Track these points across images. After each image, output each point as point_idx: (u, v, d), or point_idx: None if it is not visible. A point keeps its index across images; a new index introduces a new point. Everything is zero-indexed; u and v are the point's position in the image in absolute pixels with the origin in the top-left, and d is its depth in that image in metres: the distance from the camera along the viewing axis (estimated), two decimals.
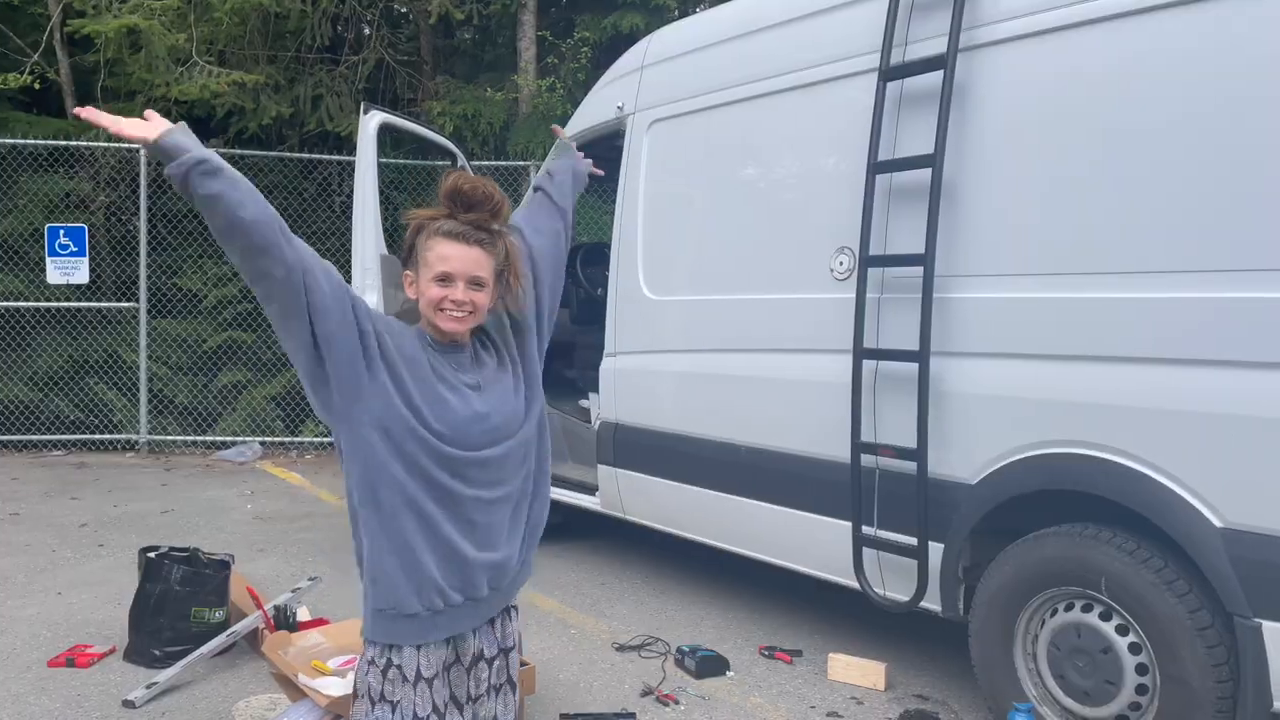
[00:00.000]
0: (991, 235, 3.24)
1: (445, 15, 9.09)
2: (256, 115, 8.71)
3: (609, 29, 9.23)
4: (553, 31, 9.51)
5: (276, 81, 8.92)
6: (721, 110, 4.40)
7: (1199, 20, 2.74)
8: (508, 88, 9.23)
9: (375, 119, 4.85)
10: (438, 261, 1.77)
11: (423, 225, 1.81)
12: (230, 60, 8.78)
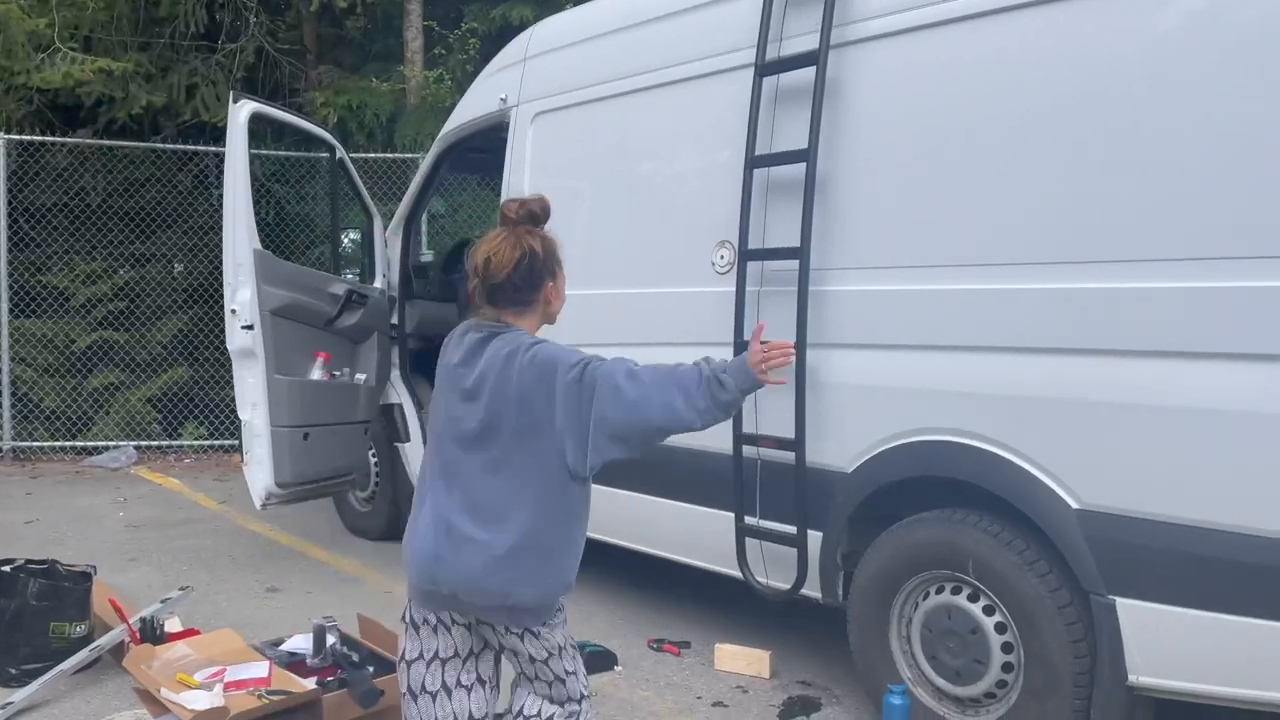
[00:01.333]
0: (863, 228, 3.30)
1: (329, 3, 8.84)
2: (126, 104, 8.31)
3: (498, 20, 9.10)
4: (441, 22, 9.33)
5: (147, 70, 8.52)
6: (605, 103, 4.38)
7: (1057, 18, 2.83)
8: (394, 79, 9.03)
9: (246, 109, 4.67)
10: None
11: (543, 237, 2.29)
12: (97, 47, 8.35)
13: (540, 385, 2.16)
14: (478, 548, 2.16)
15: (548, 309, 2.36)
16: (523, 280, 2.26)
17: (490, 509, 2.18)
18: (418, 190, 5.65)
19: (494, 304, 2.31)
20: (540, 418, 2.16)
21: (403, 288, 5.71)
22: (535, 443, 2.16)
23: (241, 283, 4.69)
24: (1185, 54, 2.60)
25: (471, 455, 2.22)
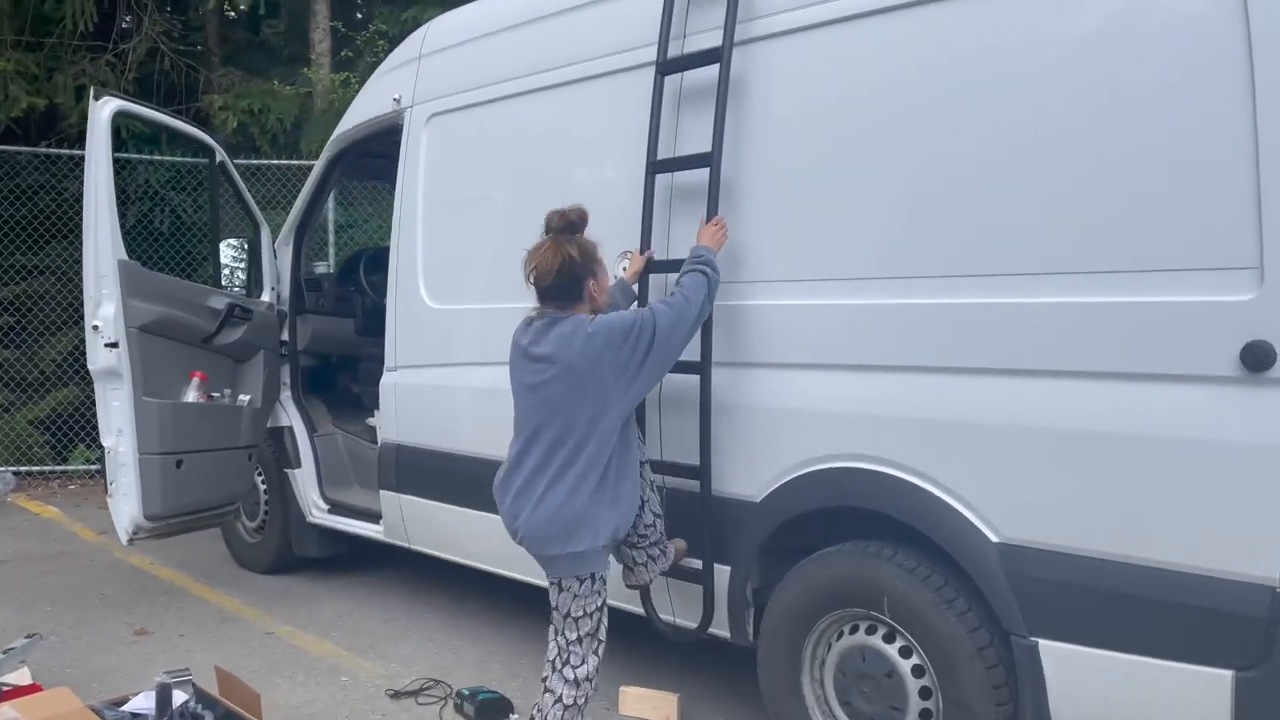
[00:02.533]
0: (768, 239, 3.07)
1: (230, 3, 8.41)
2: (5, 107, 7.75)
3: (409, 22, 8.73)
4: (348, 24, 8.96)
5: (29, 70, 7.98)
6: (502, 104, 4.09)
7: (970, 13, 2.63)
8: (299, 82, 8.61)
9: (109, 106, 4.28)
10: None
11: (585, 244, 2.86)
12: None
13: (606, 349, 2.71)
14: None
15: (594, 302, 2.85)
16: (565, 283, 2.80)
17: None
18: (309, 197, 5.28)
19: (546, 303, 2.85)
20: (604, 378, 2.72)
21: (294, 302, 5.33)
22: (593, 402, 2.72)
23: (105, 296, 4.28)
24: (1077, 60, 2.41)
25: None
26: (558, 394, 2.75)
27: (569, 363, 2.72)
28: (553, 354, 2.75)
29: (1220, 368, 2.14)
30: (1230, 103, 2.14)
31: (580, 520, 2.74)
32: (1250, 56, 2.11)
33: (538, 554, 2.87)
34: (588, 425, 2.73)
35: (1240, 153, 2.12)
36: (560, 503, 2.74)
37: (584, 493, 2.74)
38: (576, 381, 2.72)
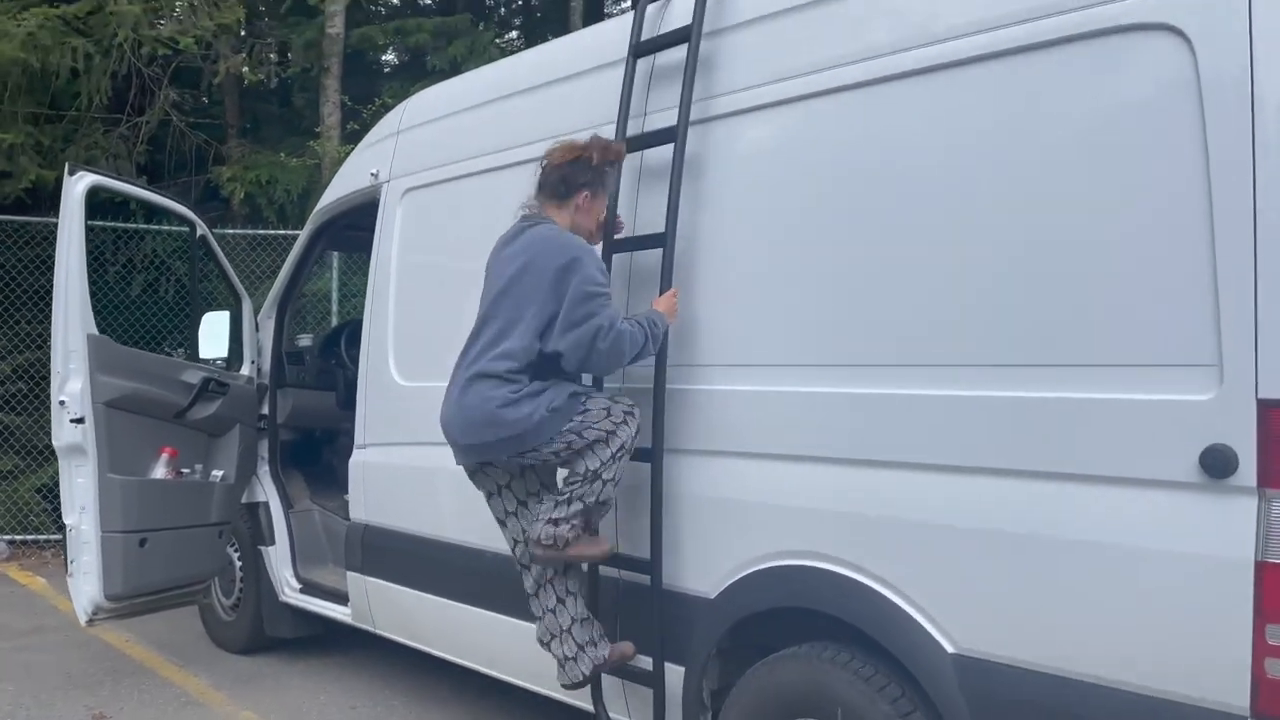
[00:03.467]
0: (721, 321, 2.95)
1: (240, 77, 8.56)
2: (15, 179, 7.88)
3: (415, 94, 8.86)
4: (357, 97, 9.08)
5: (41, 142, 8.12)
6: (472, 179, 4.04)
7: (919, 98, 2.52)
8: (307, 154, 8.71)
9: (83, 182, 4.27)
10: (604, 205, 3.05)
11: (614, 154, 3.00)
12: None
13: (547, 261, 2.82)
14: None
15: (576, 216, 2.96)
16: (568, 174, 2.94)
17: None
18: (291, 269, 5.25)
19: (540, 191, 3.01)
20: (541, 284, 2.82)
21: (275, 374, 5.27)
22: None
23: (73, 371, 4.23)
24: (1032, 150, 2.29)
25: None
26: (509, 289, 2.88)
27: (538, 264, 2.83)
28: (526, 247, 2.89)
29: (1180, 472, 1.97)
30: (1185, 194, 2.01)
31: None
32: (1206, 150, 1.98)
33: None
34: (521, 324, 2.83)
35: (1195, 243, 1.98)
36: (476, 390, 2.86)
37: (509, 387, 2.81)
38: (532, 281, 2.83)
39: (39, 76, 8.00)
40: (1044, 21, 2.25)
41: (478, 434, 2.88)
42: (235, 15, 8.13)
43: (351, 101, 9.01)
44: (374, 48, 10.43)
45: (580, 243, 2.91)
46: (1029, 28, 2.28)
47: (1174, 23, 2.02)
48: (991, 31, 2.35)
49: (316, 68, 8.89)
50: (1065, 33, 2.21)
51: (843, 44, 2.69)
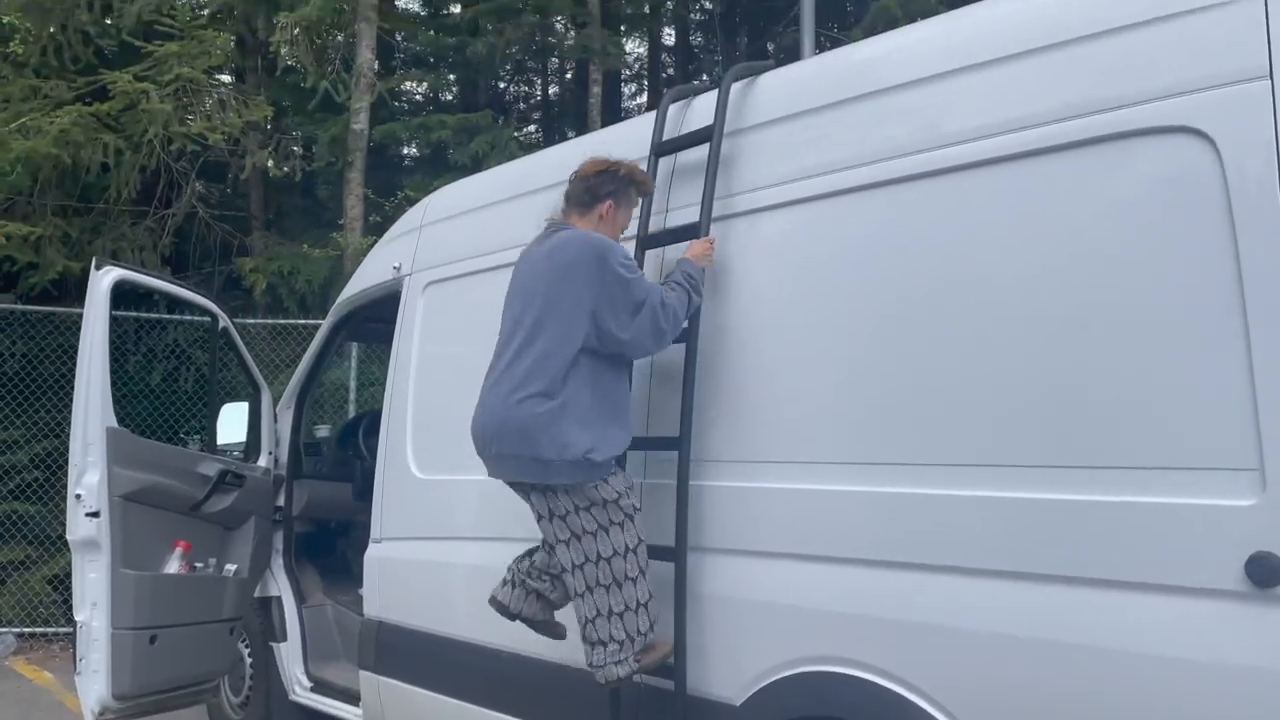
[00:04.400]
0: (746, 416, 2.91)
1: (266, 171, 8.76)
2: (42, 270, 8.02)
3: (438, 189, 9.03)
4: (380, 190, 9.26)
5: (69, 234, 8.29)
6: (494, 274, 4.03)
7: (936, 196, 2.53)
8: (329, 245, 8.85)
9: (109, 276, 4.32)
10: (627, 219, 3.08)
11: (637, 180, 3.05)
12: (17, 211, 8.13)
13: (594, 263, 2.79)
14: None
15: (600, 226, 2.97)
16: (594, 185, 2.98)
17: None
18: (312, 360, 5.27)
19: (566, 202, 3.04)
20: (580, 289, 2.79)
21: (292, 466, 5.24)
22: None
23: (90, 464, 4.21)
24: (1068, 249, 2.28)
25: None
26: (538, 290, 2.86)
27: (561, 260, 2.83)
28: (550, 252, 2.88)
29: (1224, 581, 1.90)
30: (1218, 295, 1.99)
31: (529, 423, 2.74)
32: (1236, 250, 1.96)
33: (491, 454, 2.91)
34: (544, 322, 2.80)
35: (1231, 344, 1.95)
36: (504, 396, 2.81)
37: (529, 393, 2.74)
38: (557, 280, 2.81)
39: (70, 171, 8.21)
40: (1069, 124, 2.26)
41: (512, 446, 2.81)
42: (264, 112, 8.36)
43: (374, 194, 9.19)
44: (397, 143, 10.68)
45: (602, 236, 2.91)
46: (1053, 129, 2.29)
47: (1197, 125, 2.03)
48: (1019, 132, 2.37)
49: (340, 162, 9.09)
50: (1092, 134, 2.22)
51: (867, 143, 2.72)
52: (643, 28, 14.79)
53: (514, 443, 2.78)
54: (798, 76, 3.17)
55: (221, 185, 9.64)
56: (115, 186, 8.40)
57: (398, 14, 12.48)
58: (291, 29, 8.40)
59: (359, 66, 9.04)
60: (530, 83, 17.55)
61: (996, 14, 2.61)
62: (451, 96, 14.67)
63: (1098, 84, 2.23)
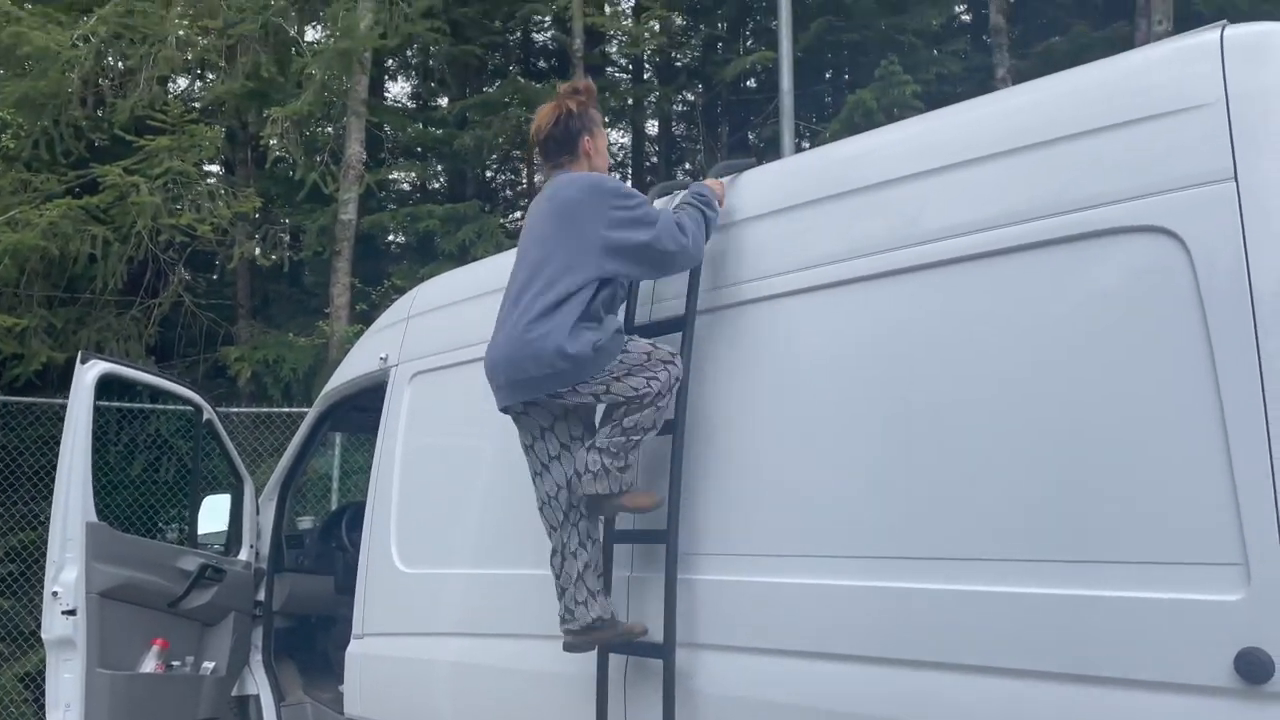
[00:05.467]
0: (734, 507, 2.91)
1: (252, 259, 8.84)
2: (25, 362, 8.00)
3: (426, 277, 9.11)
4: (367, 279, 9.35)
5: (54, 324, 8.29)
6: (477, 365, 4.06)
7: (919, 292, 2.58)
8: (315, 333, 8.88)
9: (94, 370, 4.32)
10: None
11: (588, 100, 3.11)
12: (3, 303, 8.15)
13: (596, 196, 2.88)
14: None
15: (590, 162, 3.07)
16: (561, 134, 3.03)
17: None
18: (296, 451, 5.24)
19: (547, 159, 3.11)
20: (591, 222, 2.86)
21: (273, 559, 5.17)
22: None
23: (69, 560, 4.16)
24: (1048, 344, 2.31)
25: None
26: (548, 233, 2.91)
27: (562, 198, 2.91)
28: (551, 195, 2.96)
29: (1215, 677, 1.89)
30: (1193, 390, 2.02)
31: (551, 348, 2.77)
32: (1210, 347, 2.01)
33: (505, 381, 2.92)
34: (566, 262, 2.82)
35: (1208, 437, 1.98)
36: (526, 327, 2.82)
37: (558, 321, 2.77)
38: (565, 219, 2.88)
39: (57, 262, 8.25)
40: (1044, 222, 2.32)
41: (526, 369, 2.83)
42: (253, 204, 8.47)
43: (361, 283, 9.27)
44: (384, 232, 10.82)
45: (600, 174, 3.05)
46: (1028, 228, 2.35)
47: (1167, 225, 2.09)
48: (995, 230, 2.42)
49: (328, 251, 9.18)
50: (1067, 233, 2.28)
51: (847, 239, 2.77)
52: (626, 119, 15.16)
53: (526, 367, 2.83)
54: (779, 173, 3.25)
55: (208, 274, 9.69)
56: (102, 277, 8.45)
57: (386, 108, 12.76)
58: (282, 123, 8.56)
59: (347, 159, 9.21)
60: (517, 170, 17.88)
61: (973, 115, 2.69)
62: (439, 185, 14.92)
63: (1071, 184, 2.30)
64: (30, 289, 8.29)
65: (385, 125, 11.89)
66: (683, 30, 13.40)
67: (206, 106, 9.95)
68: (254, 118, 9.93)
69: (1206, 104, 2.11)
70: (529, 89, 12.07)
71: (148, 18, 8.39)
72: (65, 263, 8.30)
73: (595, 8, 12.56)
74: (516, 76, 14.25)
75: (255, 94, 9.58)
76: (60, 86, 7.97)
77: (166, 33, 8.34)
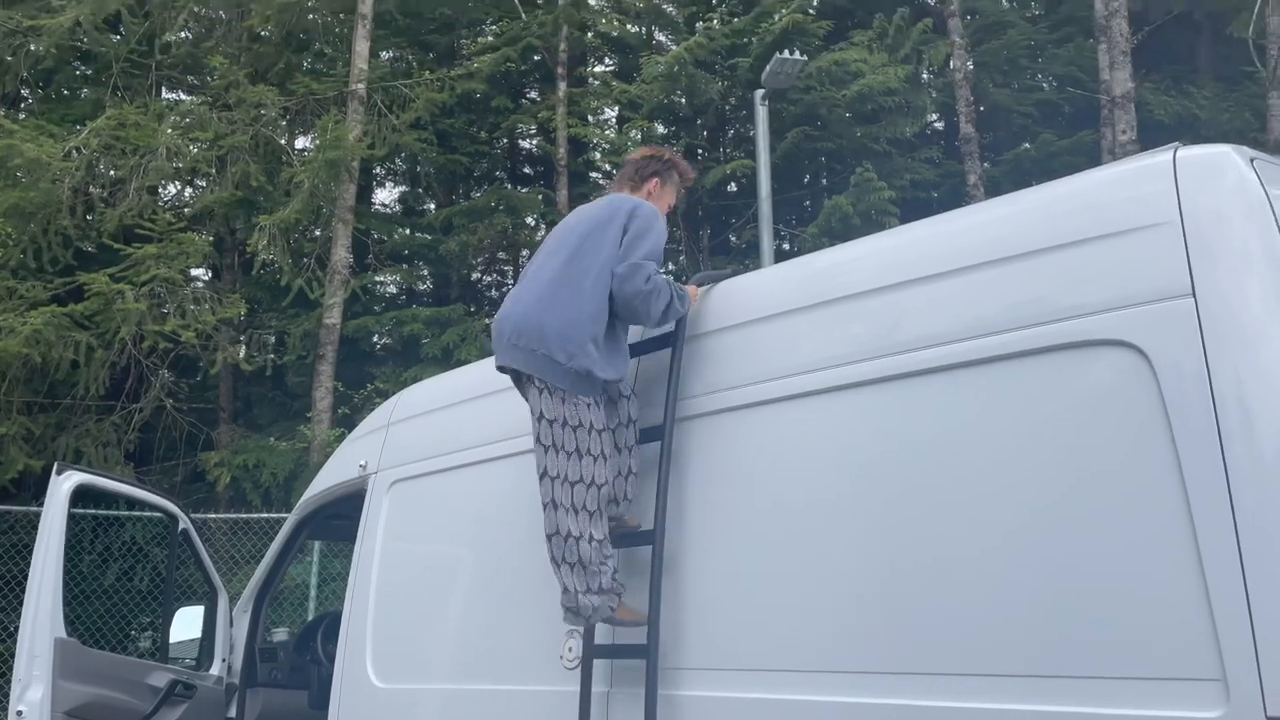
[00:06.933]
0: (715, 622, 2.87)
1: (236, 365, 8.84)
2: (2, 470, 7.91)
3: (409, 381, 9.13)
4: (350, 383, 9.35)
5: (32, 431, 8.23)
6: (460, 472, 4.06)
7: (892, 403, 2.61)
8: (296, 437, 8.83)
9: (70, 480, 4.27)
10: (671, 200, 3.52)
11: (679, 169, 3.53)
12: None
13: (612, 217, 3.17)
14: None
15: (647, 199, 3.35)
16: (642, 166, 3.46)
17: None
18: (272, 561, 5.16)
19: (619, 179, 3.51)
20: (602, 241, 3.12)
21: (245, 673, 5.03)
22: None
23: (35, 679, 4.03)
24: (1022, 461, 2.33)
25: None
26: (577, 230, 3.18)
27: (599, 211, 3.20)
28: (594, 206, 3.28)
29: None
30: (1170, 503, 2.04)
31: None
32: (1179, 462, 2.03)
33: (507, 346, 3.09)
34: (577, 256, 3.08)
35: (1180, 548, 1.99)
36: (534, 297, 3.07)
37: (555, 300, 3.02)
38: (596, 225, 3.14)
39: (39, 368, 8.23)
40: (1012, 334, 2.37)
41: (528, 340, 3.02)
42: (238, 310, 8.51)
43: (344, 387, 9.27)
44: (369, 335, 10.88)
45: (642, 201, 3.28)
46: (996, 340, 2.40)
47: (1130, 339, 2.14)
48: (964, 342, 2.47)
49: (312, 355, 9.21)
50: (1035, 345, 2.32)
51: (821, 349, 2.82)
52: None
53: (531, 338, 3.02)
54: (756, 284, 3.31)
55: (191, 377, 9.68)
56: (84, 383, 8.43)
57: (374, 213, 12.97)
58: (270, 231, 8.69)
59: (334, 264, 9.32)
60: (502, 272, 18.10)
61: (944, 229, 2.76)
62: (425, 287, 15.07)
63: (1040, 298, 2.35)
64: (10, 395, 8.25)
65: (372, 231, 12.08)
66: (664, 139, 13.80)
67: (195, 214, 10.09)
68: (242, 224, 10.06)
69: (1163, 223, 2.19)
70: (515, 195, 12.33)
71: (140, 130, 8.58)
72: (47, 369, 8.28)
73: (579, 119, 12.93)
74: (503, 183, 14.56)
75: (244, 202, 9.74)
76: (51, 196, 8.09)
77: (158, 144, 8.51)
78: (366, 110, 10.31)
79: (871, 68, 11.25)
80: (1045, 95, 14.68)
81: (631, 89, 12.31)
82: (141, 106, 9.42)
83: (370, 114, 10.26)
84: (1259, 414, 1.99)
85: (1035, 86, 15.23)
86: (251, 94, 9.61)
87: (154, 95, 10.43)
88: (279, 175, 9.71)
